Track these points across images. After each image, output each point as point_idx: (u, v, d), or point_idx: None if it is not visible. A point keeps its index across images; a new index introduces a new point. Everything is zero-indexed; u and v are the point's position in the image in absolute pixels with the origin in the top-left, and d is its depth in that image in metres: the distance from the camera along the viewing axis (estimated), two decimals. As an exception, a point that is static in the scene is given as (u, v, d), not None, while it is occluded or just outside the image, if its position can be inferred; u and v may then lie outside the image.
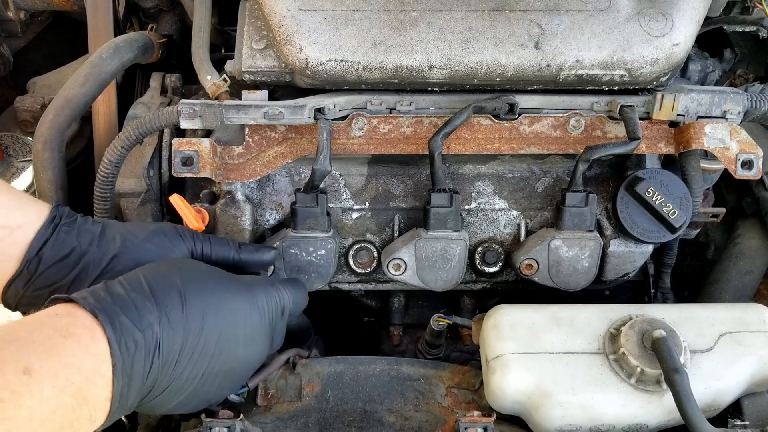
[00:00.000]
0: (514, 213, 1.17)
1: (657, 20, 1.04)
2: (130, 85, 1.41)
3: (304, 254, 1.09)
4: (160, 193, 1.20)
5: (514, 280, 1.19)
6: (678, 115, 1.06)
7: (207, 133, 1.11)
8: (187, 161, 1.02)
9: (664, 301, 1.22)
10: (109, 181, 1.06)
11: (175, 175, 1.03)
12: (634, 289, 1.35)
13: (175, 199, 1.03)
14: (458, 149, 1.08)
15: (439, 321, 1.12)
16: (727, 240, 1.37)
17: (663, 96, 1.04)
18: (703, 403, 0.91)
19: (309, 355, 1.10)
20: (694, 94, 1.05)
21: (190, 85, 1.33)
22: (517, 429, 0.98)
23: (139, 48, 1.24)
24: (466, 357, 1.24)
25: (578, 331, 0.97)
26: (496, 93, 1.08)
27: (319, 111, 1.03)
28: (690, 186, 1.08)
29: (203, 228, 1.05)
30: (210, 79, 1.10)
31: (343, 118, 1.06)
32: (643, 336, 0.92)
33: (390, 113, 1.07)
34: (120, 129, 1.24)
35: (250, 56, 1.06)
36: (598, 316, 0.98)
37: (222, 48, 1.43)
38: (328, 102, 1.03)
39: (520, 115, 1.07)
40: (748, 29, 1.31)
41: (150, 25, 1.41)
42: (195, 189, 1.19)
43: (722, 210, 1.20)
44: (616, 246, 1.12)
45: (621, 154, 1.09)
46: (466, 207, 1.16)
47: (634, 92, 1.10)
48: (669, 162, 1.17)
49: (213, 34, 1.25)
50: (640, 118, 1.05)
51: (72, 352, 0.69)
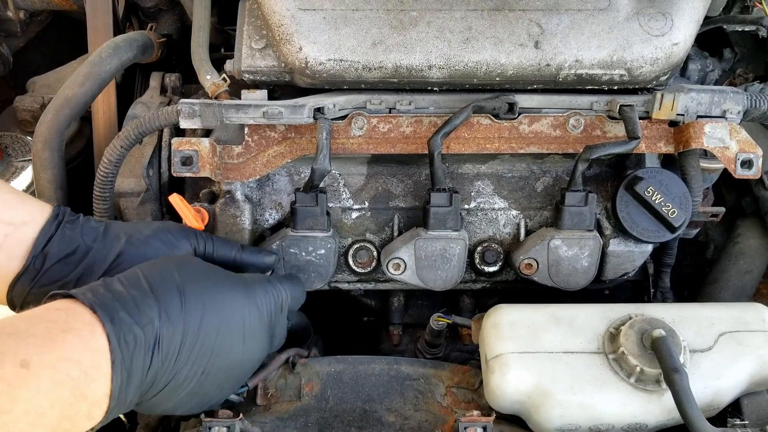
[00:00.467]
0: (514, 212, 1.17)
1: (656, 20, 1.04)
2: (129, 84, 1.41)
3: (303, 254, 1.09)
4: (159, 192, 1.20)
5: (513, 280, 1.19)
6: (677, 114, 1.05)
7: (206, 133, 1.11)
8: (187, 161, 1.02)
9: (664, 300, 1.22)
10: (108, 180, 1.06)
11: (174, 175, 1.03)
12: (634, 289, 1.35)
13: (175, 199, 1.03)
14: (458, 149, 1.08)
15: (438, 320, 1.12)
16: (727, 239, 1.37)
17: (662, 95, 1.04)
18: (702, 402, 0.91)
19: (308, 354, 1.10)
20: (693, 93, 1.05)
21: (190, 85, 1.33)
22: (516, 428, 0.98)
23: (138, 47, 1.24)
24: (466, 356, 1.24)
25: (578, 330, 0.97)
26: (495, 92, 1.08)
27: (318, 110, 1.03)
28: (689, 185, 1.08)
29: (203, 227, 1.05)
30: (209, 78, 1.10)
31: (343, 117, 1.06)
32: (642, 335, 0.92)
33: (389, 113, 1.07)
34: (119, 128, 1.23)
35: (250, 56, 1.06)
36: (598, 316, 0.98)
37: (221, 47, 1.43)
38: (327, 101, 1.03)
39: (519, 114, 1.07)
40: (747, 28, 1.31)
41: (149, 25, 1.41)
42: (194, 188, 1.19)
43: (722, 209, 1.20)
44: (616, 245, 1.12)
45: (620, 154, 1.09)
46: (466, 206, 1.16)
47: (633, 92, 1.10)
48: (668, 161, 1.17)
49: (212, 33, 1.25)
50: (640, 118, 1.05)
51: (71, 347, 0.69)
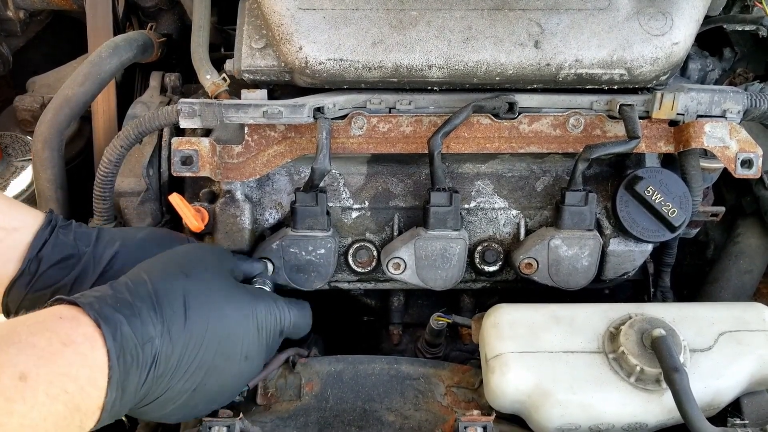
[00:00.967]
0: (514, 212, 1.17)
1: (656, 19, 1.04)
2: (129, 84, 1.41)
3: (303, 253, 1.09)
4: (159, 192, 1.20)
5: (513, 279, 1.19)
6: (678, 114, 1.05)
7: (206, 133, 1.11)
8: (187, 160, 1.02)
9: (664, 300, 1.22)
10: (108, 180, 1.06)
11: (174, 175, 1.03)
12: (634, 288, 1.35)
13: (175, 199, 1.03)
14: (458, 148, 1.08)
15: (438, 320, 1.12)
16: (727, 239, 1.37)
17: (663, 95, 1.04)
18: (702, 402, 0.91)
19: (308, 354, 1.10)
20: (693, 93, 1.05)
21: (190, 84, 1.33)
22: (516, 428, 0.98)
23: (138, 47, 1.24)
24: (466, 356, 1.24)
25: (578, 330, 0.97)
26: (495, 92, 1.08)
27: (318, 110, 1.03)
28: (690, 185, 1.08)
29: (203, 227, 1.05)
30: (209, 78, 1.10)
31: (343, 117, 1.06)
32: (642, 335, 0.92)
33: (389, 112, 1.07)
34: (119, 128, 1.23)
35: (250, 55, 1.06)
36: (598, 315, 0.98)
37: (221, 47, 1.43)
38: (327, 101, 1.03)
39: (519, 114, 1.07)
40: (747, 28, 1.31)
41: (149, 24, 1.41)
42: (194, 188, 1.19)
43: (722, 209, 1.20)
44: (616, 245, 1.12)
45: (620, 153, 1.09)
46: (466, 206, 1.16)
47: (633, 91, 1.10)
48: (669, 161, 1.17)
49: (212, 33, 1.25)
50: (640, 117, 1.05)
51: (70, 362, 0.69)
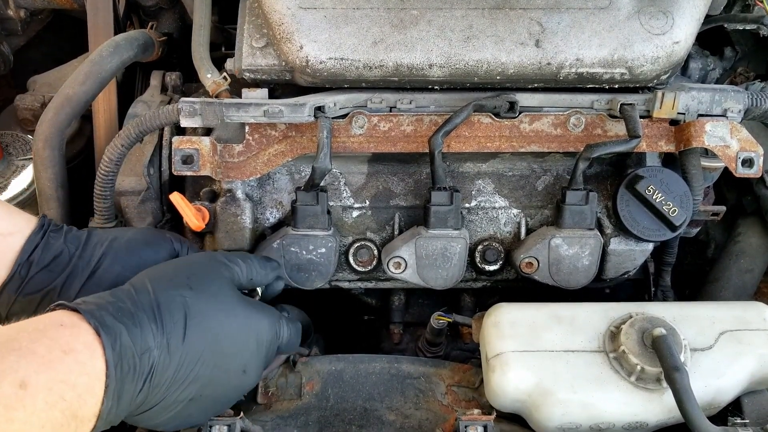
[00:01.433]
0: (515, 211, 1.17)
1: (657, 18, 1.03)
2: (130, 83, 1.41)
3: (304, 252, 1.09)
4: (160, 191, 1.20)
5: (514, 279, 1.19)
6: (678, 113, 1.05)
7: (207, 132, 1.11)
8: (188, 159, 1.02)
9: (665, 299, 1.22)
10: (109, 179, 1.06)
11: (175, 174, 1.03)
12: (635, 288, 1.35)
13: (176, 198, 1.03)
14: (458, 147, 1.08)
15: (439, 319, 1.12)
16: (728, 238, 1.37)
17: (663, 94, 1.04)
18: (703, 401, 0.91)
19: (309, 353, 1.10)
20: (694, 92, 1.05)
21: (191, 84, 1.33)
22: (517, 427, 0.98)
23: (139, 46, 1.24)
24: (467, 355, 1.24)
25: (578, 329, 0.97)
26: (496, 91, 1.08)
27: (319, 109, 1.03)
28: (690, 184, 1.08)
29: (203, 226, 1.06)
30: (210, 77, 1.10)
31: (344, 116, 1.06)
32: (643, 334, 0.92)
33: (390, 111, 1.07)
34: (120, 127, 1.23)
35: (251, 54, 1.06)
36: (599, 315, 0.98)
37: (222, 46, 1.43)
38: (328, 100, 1.03)
39: (520, 113, 1.07)
40: (748, 27, 1.31)
41: (150, 24, 1.41)
42: (195, 187, 1.19)
43: (722, 208, 1.20)
44: (617, 244, 1.12)
45: (621, 153, 1.09)
46: (467, 205, 1.16)
47: (634, 90, 1.10)
48: (669, 160, 1.17)
49: (213, 32, 1.25)
50: (641, 117, 1.05)
51: (69, 369, 0.69)
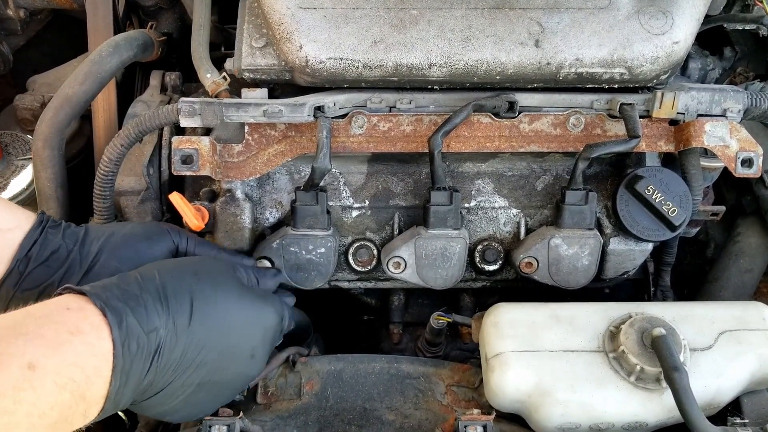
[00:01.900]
0: (514, 211, 1.17)
1: (657, 18, 1.03)
2: (129, 83, 1.41)
3: (303, 252, 1.09)
4: (159, 191, 1.20)
5: (513, 279, 1.19)
6: (678, 113, 1.05)
7: (207, 132, 1.11)
8: (187, 159, 1.02)
9: (664, 299, 1.22)
10: (108, 179, 1.06)
11: (174, 174, 1.03)
12: (634, 288, 1.35)
13: (175, 198, 1.03)
14: (458, 147, 1.08)
15: (438, 319, 1.12)
16: (727, 238, 1.37)
17: (663, 94, 1.04)
18: (702, 401, 0.91)
19: (309, 353, 1.10)
20: (694, 92, 1.05)
21: (190, 83, 1.33)
22: (516, 427, 0.98)
23: (138, 46, 1.24)
24: (466, 355, 1.24)
25: (578, 329, 0.97)
26: (495, 91, 1.08)
27: (318, 109, 1.03)
28: (690, 184, 1.08)
29: (203, 226, 1.05)
30: (210, 77, 1.10)
31: (343, 116, 1.06)
32: (642, 334, 0.92)
33: (390, 111, 1.07)
34: (120, 127, 1.23)
35: (250, 54, 1.06)
36: (598, 315, 0.98)
37: (222, 46, 1.43)
38: (327, 100, 1.03)
39: (519, 113, 1.07)
40: (748, 27, 1.31)
41: (150, 23, 1.41)
42: (195, 187, 1.19)
43: (722, 208, 1.20)
44: (616, 244, 1.12)
45: (621, 152, 1.09)
46: (466, 205, 1.16)
47: (634, 90, 1.10)
48: (669, 160, 1.17)
49: (213, 32, 1.25)
50: (640, 116, 1.05)
51: (77, 351, 0.70)
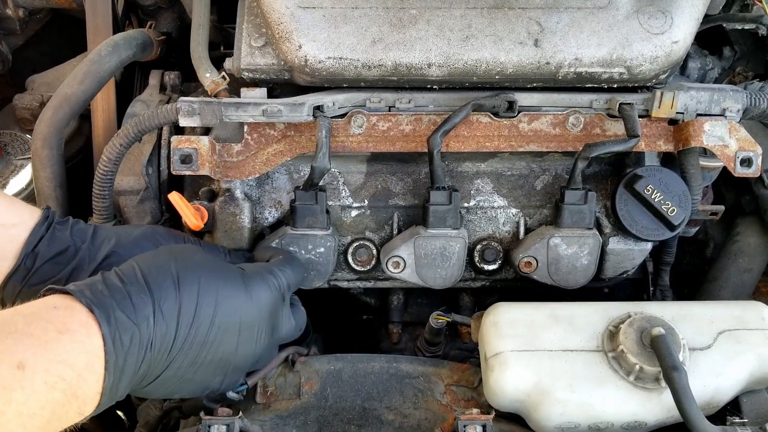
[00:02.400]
0: (513, 211, 1.17)
1: (656, 18, 1.04)
2: (128, 82, 1.41)
3: (303, 252, 1.09)
4: (159, 190, 1.20)
5: (513, 278, 1.19)
6: (677, 112, 1.05)
7: (206, 131, 1.11)
8: (186, 159, 1.02)
9: (663, 298, 1.23)
10: (107, 178, 1.06)
11: (174, 173, 1.03)
12: (633, 287, 1.35)
13: (174, 197, 1.03)
14: (457, 147, 1.08)
15: (438, 319, 1.12)
16: (726, 238, 1.37)
17: (662, 93, 1.04)
18: (701, 400, 0.91)
19: (308, 352, 1.10)
20: (693, 91, 1.05)
21: (189, 83, 1.33)
22: (516, 427, 0.98)
23: (138, 45, 1.24)
24: (465, 355, 1.24)
25: (577, 328, 0.97)
26: (495, 91, 1.08)
27: (318, 109, 1.03)
28: (689, 184, 1.08)
29: (202, 226, 1.05)
30: (209, 76, 1.10)
31: (343, 115, 1.06)
32: (642, 334, 0.92)
33: (389, 111, 1.07)
34: (119, 127, 1.23)
35: (249, 54, 1.06)
36: (597, 314, 0.98)
37: (221, 45, 1.43)
38: (327, 100, 1.03)
39: (519, 112, 1.07)
40: (747, 27, 1.31)
41: (149, 23, 1.41)
42: (194, 187, 1.19)
43: (721, 208, 1.20)
44: (615, 244, 1.12)
45: (620, 152, 1.09)
46: (465, 205, 1.16)
47: (633, 90, 1.10)
48: (668, 160, 1.17)
49: (212, 31, 1.25)
50: (640, 116, 1.05)
51: (67, 349, 0.69)
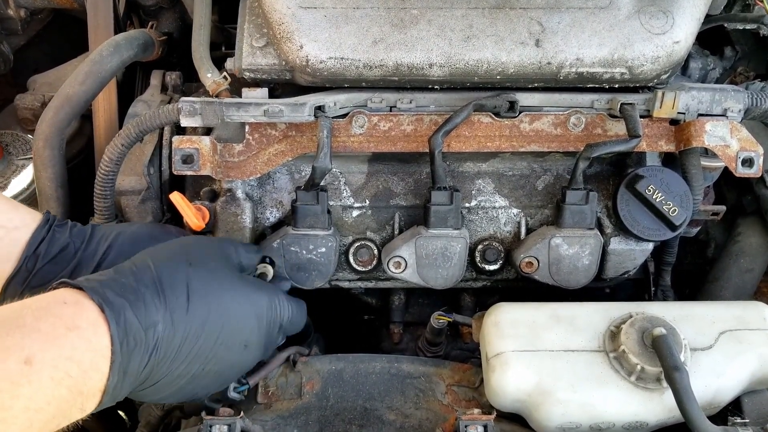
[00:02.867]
0: (515, 211, 1.17)
1: (657, 18, 1.03)
2: (130, 82, 1.41)
3: (304, 252, 1.09)
4: (160, 191, 1.20)
5: (514, 278, 1.19)
6: (678, 112, 1.05)
7: (207, 131, 1.11)
8: (188, 159, 1.02)
9: (665, 299, 1.22)
10: (109, 179, 1.06)
11: (175, 173, 1.03)
12: (635, 287, 1.35)
13: (176, 197, 1.03)
14: (459, 147, 1.08)
15: (439, 319, 1.12)
16: (728, 238, 1.36)
17: (664, 94, 1.04)
18: (703, 401, 0.91)
19: (309, 352, 1.10)
20: (694, 91, 1.05)
21: (191, 83, 1.33)
22: (517, 427, 0.98)
23: (139, 46, 1.24)
24: (467, 355, 1.24)
25: (578, 329, 0.97)
26: (496, 91, 1.08)
27: (319, 109, 1.03)
28: (690, 184, 1.08)
29: (204, 226, 1.05)
30: (210, 76, 1.10)
31: (344, 116, 1.06)
32: (643, 334, 0.92)
33: (390, 111, 1.07)
34: (120, 127, 1.23)
35: (251, 54, 1.06)
36: (599, 314, 0.98)
37: (222, 46, 1.43)
38: (328, 100, 1.03)
39: (520, 113, 1.07)
40: (748, 27, 1.31)
41: (150, 23, 1.41)
42: (195, 187, 1.19)
43: (722, 208, 1.20)
44: (617, 244, 1.12)
45: (621, 152, 1.09)
46: (467, 205, 1.16)
47: (634, 90, 1.10)
48: (669, 160, 1.17)
49: (213, 31, 1.25)
50: (641, 116, 1.05)
51: (74, 346, 0.70)
